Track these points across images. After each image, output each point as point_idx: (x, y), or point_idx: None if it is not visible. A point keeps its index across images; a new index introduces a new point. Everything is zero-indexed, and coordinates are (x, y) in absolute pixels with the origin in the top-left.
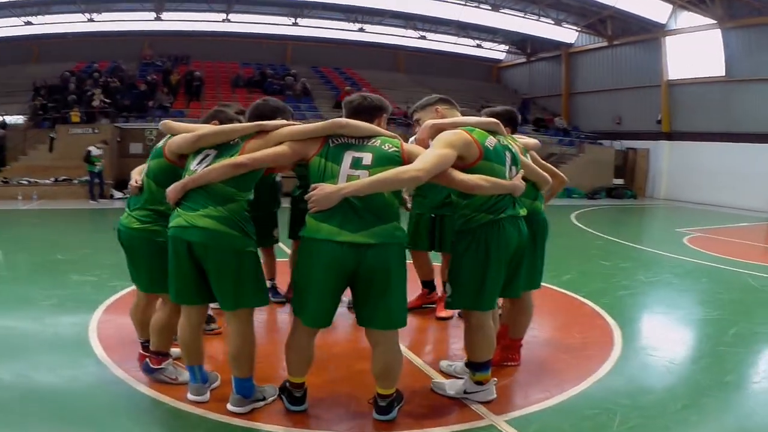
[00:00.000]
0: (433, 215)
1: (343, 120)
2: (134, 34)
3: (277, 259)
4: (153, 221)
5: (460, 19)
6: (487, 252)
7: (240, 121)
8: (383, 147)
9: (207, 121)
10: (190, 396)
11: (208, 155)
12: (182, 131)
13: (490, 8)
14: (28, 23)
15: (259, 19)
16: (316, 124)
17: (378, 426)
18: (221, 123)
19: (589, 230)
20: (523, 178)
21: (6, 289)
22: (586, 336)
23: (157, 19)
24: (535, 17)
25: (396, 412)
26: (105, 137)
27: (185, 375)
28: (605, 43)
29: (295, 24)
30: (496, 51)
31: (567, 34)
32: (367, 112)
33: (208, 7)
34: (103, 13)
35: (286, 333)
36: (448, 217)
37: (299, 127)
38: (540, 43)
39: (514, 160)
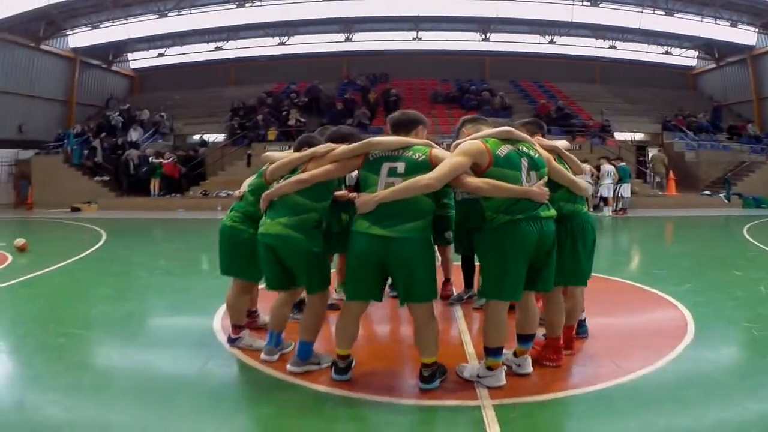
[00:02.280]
0: None
1: (375, 139)
2: (332, 55)
3: None
4: (240, 222)
5: (641, 27)
6: (503, 248)
7: None
8: (414, 156)
9: (298, 148)
10: (262, 356)
11: (284, 176)
12: (277, 160)
13: (664, 13)
14: (219, 48)
15: (449, 36)
16: (355, 144)
17: (379, 389)
18: (311, 147)
19: (752, 241)
20: (555, 183)
21: (172, 280)
22: (644, 343)
23: (347, 40)
24: (712, 20)
25: (438, 383)
26: None
27: (258, 343)
28: None
29: (486, 39)
30: (686, 57)
31: (747, 36)
32: (404, 125)
33: (396, 27)
34: (293, 37)
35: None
36: None
37: (343, 148)
38: (726, 47)
39: (534, 166)
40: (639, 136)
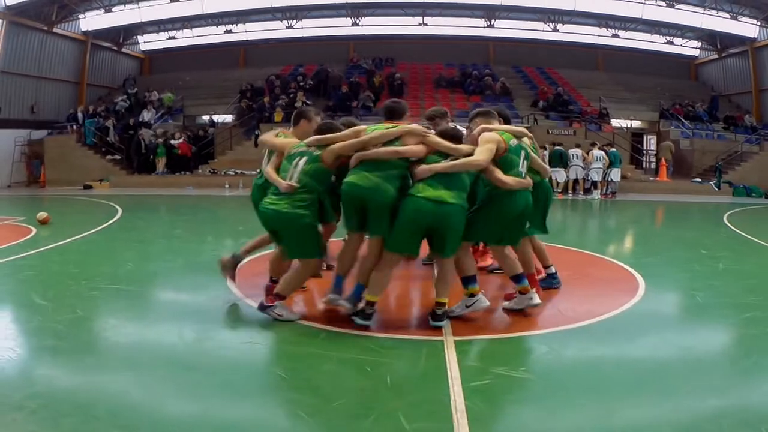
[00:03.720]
0: None
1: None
2: (340, 39)
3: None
4: (302, 208)
5: (644, 17)
6: (501, 208)
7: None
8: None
9: (319, 132)
10: (329, 297)
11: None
12: (329, 141)
13: (665, 5)
14: (228, 32)
15: (455, 21)
16: (440, 142)
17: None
18: (330, 132)
19: (729, 225)
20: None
21: (188, 246)
22: (596, 301)
23: (355, 24)
24: (714, 12)
25: (446, 322)
26: None
27: (288, 314)
28: None
29: (491, 26)
30: (688, 48)
31: (750, 28)
32: (455, 137)
33: (404, 12)
34: (302, 20)
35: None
36: None
37: (440, 142)
38: (728, 39)
39: (527, 156)
40: (636, 124)
